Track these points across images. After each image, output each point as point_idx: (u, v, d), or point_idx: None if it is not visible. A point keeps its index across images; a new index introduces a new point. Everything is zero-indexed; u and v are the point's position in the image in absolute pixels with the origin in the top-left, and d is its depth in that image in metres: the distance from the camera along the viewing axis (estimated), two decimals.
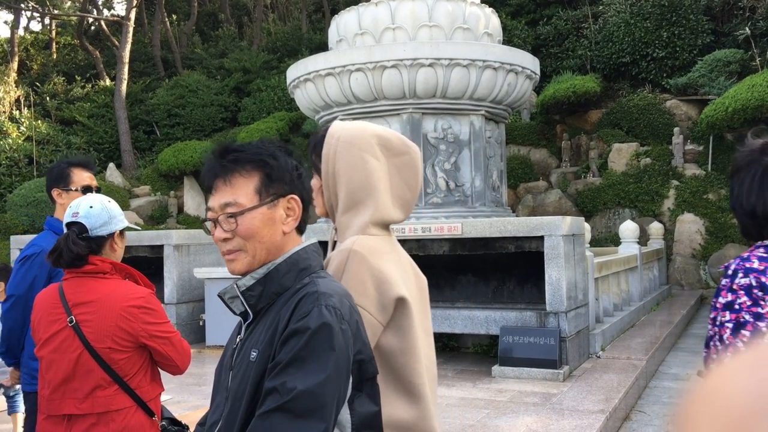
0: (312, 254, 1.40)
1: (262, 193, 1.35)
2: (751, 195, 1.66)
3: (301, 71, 9.77)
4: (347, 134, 1.63)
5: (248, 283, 1.35)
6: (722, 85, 13.48)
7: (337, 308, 1.26)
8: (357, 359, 1.27)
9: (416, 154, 1.71)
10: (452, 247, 8.01)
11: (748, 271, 1.61)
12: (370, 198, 1.56)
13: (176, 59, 24.70)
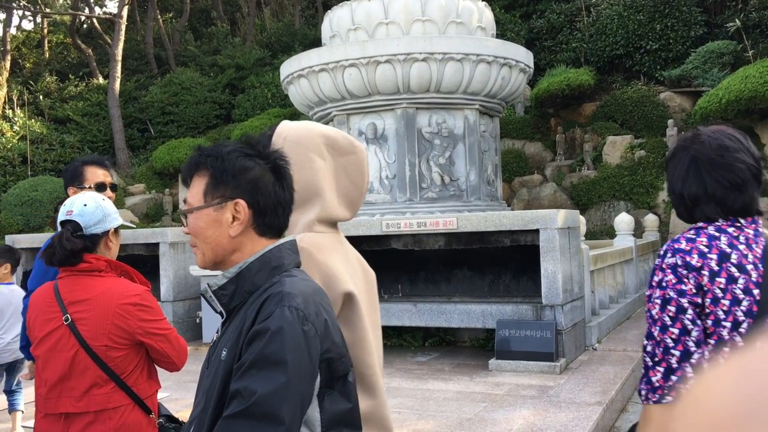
0: (286, 252, 1.41)
1: (207, 195, 1.38)
2: (679, 180, 1.79)
3: (295, 67, 9.75)
4: (294, 134, 1.67)
5: (220, 282, 1.37)
6: (716, 76, 13.51)
7: (300, 309, 1.26)
8: (325, 358, 1.27)
9: (363, 154, 1.75)
10: (448, 242, 8.02)
11: (676, 251, 1.73)
12: (317, 197, 1.59)
13: (169, 57, 24.63)
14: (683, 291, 1.69)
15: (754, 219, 1.78)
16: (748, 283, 1.68)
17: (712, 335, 1.69)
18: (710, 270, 1.69)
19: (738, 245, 1.72)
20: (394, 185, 9.39)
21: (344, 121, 9.67)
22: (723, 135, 1.78)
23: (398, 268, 8.45)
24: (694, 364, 1.67)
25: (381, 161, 9.49)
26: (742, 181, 1.73)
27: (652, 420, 1.70)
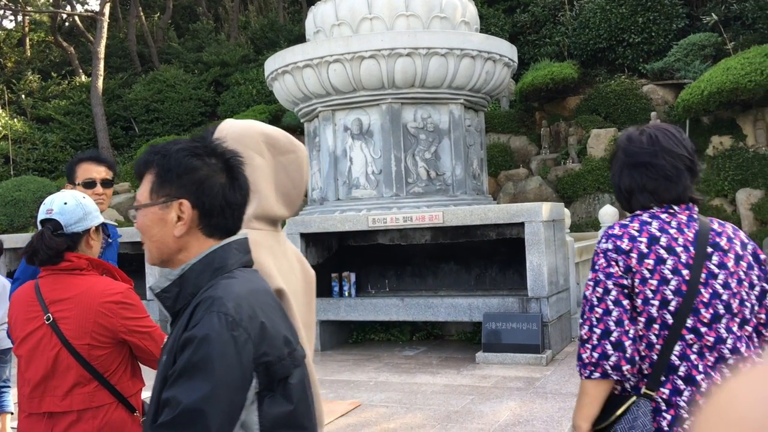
0: (231, 252, 1.39)
1: (153, 194, 1.38)
2: (616, 176, 1.95)
3: (279, 63, 9.72)
4: (234, 132, 1.68)
5: (162, 285, 1.36)
6: (697, 68, 13.60)
7: (230, 314, 1.24)
8: (263, 362, 1.25)
9: (303, 153, 1.77)
10: (434, 236, 8.04)
11: (609, 237, 1.86)
12: (254, 194, 1.60)
13: (153, 54, 24.46)
14: (610, 274, 1.81)
15: (688, 206, 1.90)
16: (677, 264, 1.78)
17: (642, 313, 1.79)
18: (639, 252, 1.80)
19: (669, 229, 1.83)
20: (380, 180, 9.40)
21: (329, 116, 9.66)
22: (658, 130, 1.91)
23: (385, 262, 8.46)
24: (614, 342, 1.77)
25: (367, 157, 9.49)
26: (674, 173, 1.86)
27: (587, 394, 1.82)
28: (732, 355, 1.78)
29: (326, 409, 5.21)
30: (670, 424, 1.76)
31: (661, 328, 1.78)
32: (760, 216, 11.96)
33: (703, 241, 1.83)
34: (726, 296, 1.79)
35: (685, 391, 1.76)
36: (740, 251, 1.87)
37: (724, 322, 1.78)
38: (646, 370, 1.81)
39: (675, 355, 1.78)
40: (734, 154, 12.59)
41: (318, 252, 8.17)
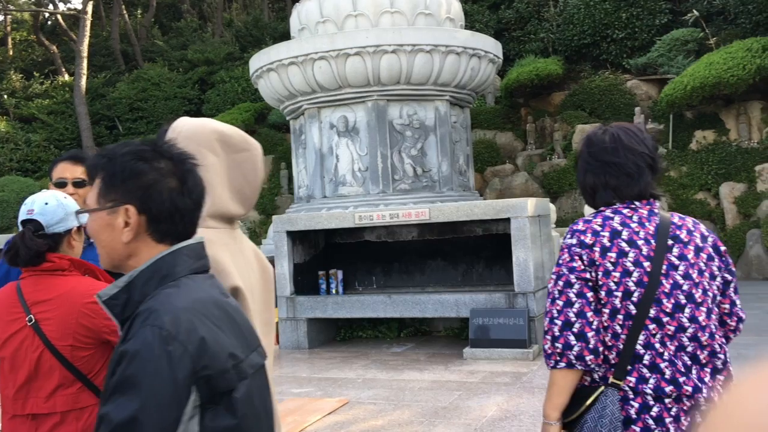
0: (181, 259, 1.34)
1: (100, 198, 1.35)
2: (581, 174, 2.03)
3: (264, 61, 9.69)
4: (187, 130, 1.67)
5: (110, 292, 1.32)
6: (680, 63, 13.70)
7: (165, 328, 1.20)
8: (203, 375, 1.21)
9: (257, 150, 1.77)
10: (421, 233, 8.05)
11: (574, 232, 1.94)
12: (208, 193, 1.57)
13: (136, 52, 24.29)
14: (573, 268, 1.88)
15: (649, 201, 1.97)
16: (639, 257, 1.85)
17: (606, 305, 1.85)
18: (602, 246, 1.87)
19: (630, 223, 1.90)
20: (367, 178, 9.40)
21: (315, 114, 9.64)
22: (620, 129, 1.98)
23: (372, 260, 8.47)
24: (576, 332, 1.83)
25: (353, 154, 9.48)
26: (635, 171, 1.93)
27: (555, 384, 1.88)
28: (693, 344, 1.83)
29: (313, 407, 5.21)
30: (638, 412, 1.81)
31: (625, 318, 1.83)
32: (743, 209, 12.07)
33: (664, 234, 1.89)
34: (687, 286, 1.85)
35: (650, 378, 1.81)
36: (700, 243, 1.93)
37: (687, 311, 1.84)
38: (612, 360, 1.85)
39: (639, 345, 1.83)
40: (717, 148, 12.70)
41: (305, 250, 8.16)
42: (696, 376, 1.83)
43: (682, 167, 12.94)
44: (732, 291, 1.99)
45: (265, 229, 15.19)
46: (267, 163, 17.16)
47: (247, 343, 1.36)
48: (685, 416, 1.81)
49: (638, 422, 1.81)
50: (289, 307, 7.73)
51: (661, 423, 1.80)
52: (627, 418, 1.81)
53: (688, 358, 1.84)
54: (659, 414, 1.80)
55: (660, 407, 1.80)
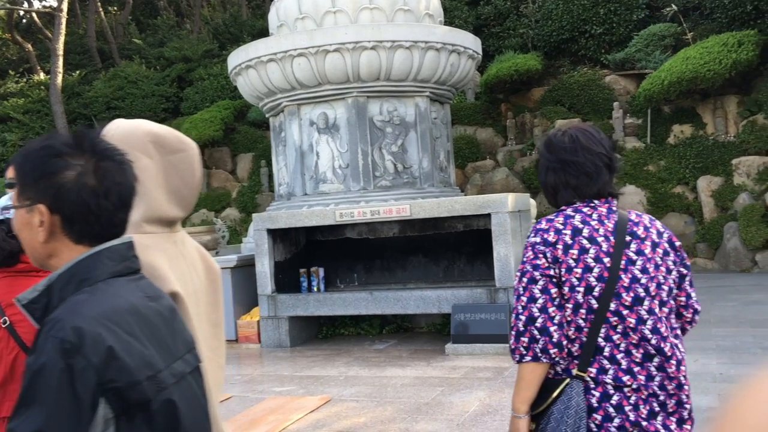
0: (100, 262, 1.28)
1: (20, 196, 1.30)
2: (542, 174, 2.11)
3: (242, 58, 9.62)
4: (119, 132, 1.65)
5: (29, 296, 1.27)
6: (658, 58, 13.82)
7: (67, 340, 1.14)
8: (111, 388, 1.16)
9: (193, 151, 1.73)
10: (402, 229, 8.06)
11: (537, 231, 2.01)
12: (141, 196, 1.54)
13: (113, 50, 24.02)
14: (537, 265, 1.95)
15: (607, 200, 2.06)
16: (599, 253, 1.93)
17: (569, 300, 1.93)
18: (564, 243, 1.95)
19: (590, 221, 1.99)
20: (348, 174, 9.37)
21: (295, 111, 9.59)
22: (578, 131, 2.07)
23: (353, 257, 8.46)
24: (539, 327, 1.91)
25: (333, 151, 9.45)
26: (594, 170, 2.01)
27: (523, 378, 1.96)
28: (653, 335, 1.92)
29: (295, 405, 5.19)
30: (599, 401, 1.90)
31: (588, 312, 1.91)
32: (721, 203, 12.22)
33: (622, 230, 1.98)
34: (644, 280, 1.94)
35: (609, 369, 1.90)
36: (656, 239, 2.02)
37: (645, 304, 1.92)
38: (576, 352, 1.93)
39: (601, 337, 1.91)
40: (695, 142, 12.84)
41: (286, 247, 8.13)
42: (656, 365, 1.91)
43: (660, 161, 13.06)
44: (687, 284, 2.08)
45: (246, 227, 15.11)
46: (247, 160, 17.08)
47: (170, 351, 1.29)
48: (644, 404, 1.89)
49: (599, 410, 1.89)
50: (270, 305, 7.70)
51: (621, 410, 1.88)
52: (589, 406, 1.90)
53: (651, 347, 1.91)
54: (619, 402, 1.89)
55: (620, 396, 1.89)
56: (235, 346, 7.88)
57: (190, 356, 1.37)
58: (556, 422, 1.88)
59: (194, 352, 1.39)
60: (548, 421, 1.91)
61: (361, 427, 4.54)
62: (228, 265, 8.01)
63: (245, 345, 7.84)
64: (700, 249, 12.31)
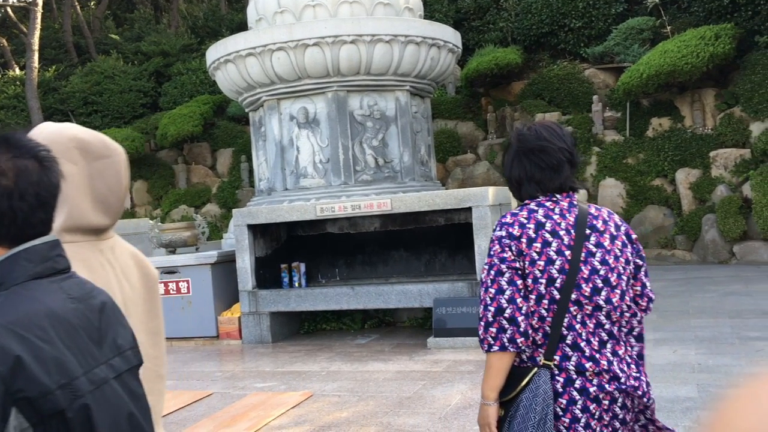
0: (18, 264, 1.23)
1: None
2: (508, 167, 2.19)
3: (221, 52, 9.54)
4: (43, 137, 1.58)
5: None
6: (636, 52, 13.91)
7: None
8: (21, 398, 1.12)
9: (119, 156, 1.68)
10: (383, 224, 8.04)
11: (503, 225, 2.10)
12: (62, 204, 1.49)
13: (89, 45, 23.72)
14: (504, 258, 2.04)
15: (569, 194, 2.15)
16: (561, 246, 2.03)
17: (533, 291, 2.03)
18: (528, 237, 2.04)
19: (553, 216, 2.08)
20: (328, 169, 9.33)
21: (275, 106, 9.53)
22: (542, 127, 2.16)
23: (335, 252, 8.43)
24: (508, 317, 2.00)
25: (314, 146, 9.41)
26: (556, 165, 2.11)
27: (491, 366, 2.05)
28: (609, 324, 2.04)
29: (277, 401, 5.17)
30: (564, 386, 2.01)
31: (550, 302, 2.02)
32: (699, 195, 12.34)
33: (582, 224, 2.08)
34: (603, 271, 2.04)
35: (572, 356, 2.01)
36: (614, 232, 2.12)
37: (603, 294, 2.03)
38: (539, 341, 2.04)
39: (563, 326, 2.02)
40: (673, 135, 12.95)
41: (266, 243, 8.08)
42: (610, 351, 2.04)
43: (639, 154, 13.16)
44: (643, 274, 2.18)
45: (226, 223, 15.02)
46: (227, 156, 16.95)
47: (92, 355, 1.25)
48: (609, 384, 2.01)
49: (564, 395, 2.00)
50: (251, 301, 7.65)
51: (585, 393, 2.00)
52: (554, 391, 2.00)
53: (606, 334, 2.04)
54: (582, 386, 2.00)
55: (582, 380, 2.01)
56: (215, 343, 7.83)
57: (119, 359, 1.31)
58: (525, 409, 1.98)
59: (126, 354, 1.33)
60: (517, 408, 2.01)
61: (343, 422, 4.53)
62: (208, 261, 7.94)
63: (226, 341, 7.79)
64: (678, 241, 12.43)
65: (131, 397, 1.32)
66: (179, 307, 7.97)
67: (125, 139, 16.49)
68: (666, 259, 12.41)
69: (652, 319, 7.60)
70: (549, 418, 1.96)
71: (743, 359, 5.66)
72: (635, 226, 12.80)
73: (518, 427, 1.98)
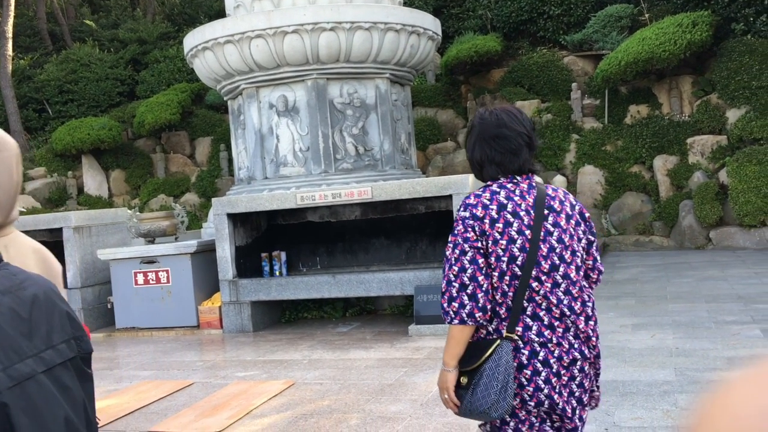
0: None
1: None
2: (470, 150, 2.32)
3: (199, 39, 9.43)
4: None
5: None
6: (615, 39, 13.97)
7: None
8: None
9: (11, 152, 1.63)
10: (364, 212, 8.03)
11: (467, 206, 2.22)
12: None
13: (65, 32, 23.33)
14: (467, 238, 2.18)
15: (528, 176, 2.29)
16: (521, 226, 2.17)
17: (496, 269, 2.18)
18: (491, 218, 2.18)
19: (514, 197, 2.22)
20: (309, 158, 9.30)
21: (254, 94, 9.45)
22: (502, 112, 2.30)
23: (316, 240, 8.41)
24: (469, 294, 2.15)
25: (294, 134, 9.36)
26: (516, 148, 2.24)
27: (453, 337, 2.21)
28: (566, 297, 2.20)
29: (259, 390, 5.16)
30: (528, 358, 2.17)
31: (512, 279, 2.17)
32: (676, 181, 12.48)
33: (541, 205, 2.22)
34: (559, 249, 2.20)
35: (533, 326, 2.18)
36: (570, 211, 2.28)
37: (560, 270, 2.20)
38: (503, 315, 2.19)
39: (525, 300, 2.18)
40: (651, 122, 13.05)
41: (246, 232, 8.04)
42: (569, 322, 2.20)
43: (617, 141, 13.26)
44: (594, 249, 2.36)
45: (206, 212, 14.92)
46: (205, 144, 16.81)
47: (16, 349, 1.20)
48: (567, 355, 2.18)
49: (529, 366, 2.17)
50: (231, 290, 7.62)
51: (547, 365, 2.17)
52: (520, 363, 2.17)
53: (566, 307, 2.19)
54: (545, 357, 2.17)
55: (545, 351, 2.17)
56: (196, 332, 7.80)
57: (51, 352, 1.26)
58: (488, 378, 2.14)
59: (60, 347, 1.27)
60: (481, 377, 2.17)
61: (325, 410, 4.54)
62: (188, 251, 7.89)
63: (207, 331, 7.75)
64: (656, 227, 12.57)
65: (63, 393, 1.26)
66: (159, 297, 7.92)
67: (102, 128, 16.28)
68: (644, 245, 12.55)
69: (630, 305, 7.69)
70: (510, 386, 2.13)
71: (720, 343, 5.75)
72: (614, 213, 12.91)
73: (481, 394, 2.15)
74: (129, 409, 4.91)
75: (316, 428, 4.18)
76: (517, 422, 2.23)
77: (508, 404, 2.14)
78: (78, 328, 1.34)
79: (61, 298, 1.37)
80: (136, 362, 6.58)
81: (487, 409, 2.15)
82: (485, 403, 2.14)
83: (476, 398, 2.16)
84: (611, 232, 12.95)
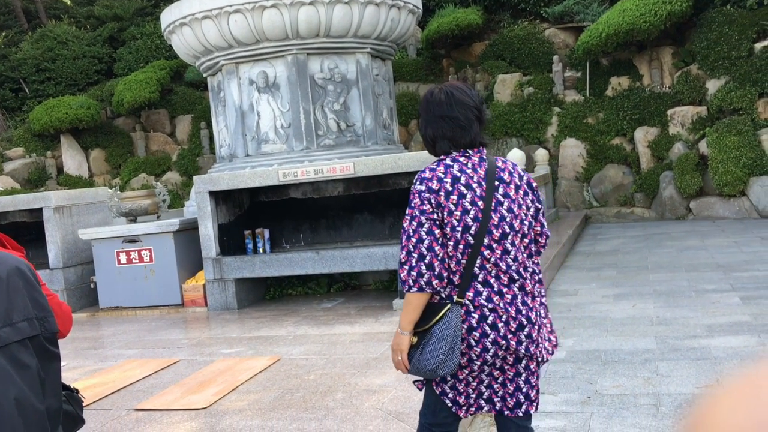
0: None
1: None
2: (422, 126, 2.44)
3: (176, 15, 9.28)
4: None
5: None
6: (595, 11, 13.95)
7: None
8: None
9: None
10: (347, 188, 8.02)
11: (422, 179, 2.33)
12: None
13: (39, 9, 22.87)
14: (424, 210, 2.29)
15: (479, 149, 2.41)
16: (474, 197, 2.30)
17: (450, 238, 2.30)
18: (445, 190, 2.29)
19: (466, 170, 2.34)
20: (290, 134, 9.24)
21: (233, 70, 9.35)
22: (453, 88, 2.40)
23: (299, 217, 8.40)
24: (426, 263, 2.27)
25: (275, 110, 9.29)
26: (466, 123, 2.35)
27: (410, 303, 2.34)
28: (514, 263, 2.34)
29: (245, 366, 5.18)
30: (478, 321, 2.31)
31: (465, 247, 2.29)
32: (657, 153, 12.56)
33: (491, 176, 2.34)
34: (509, 218, 2.33)
35: (483, 292, 2.31)
36: (518, 182, 2.40)
37: (509, 238, 2.33)
38: (456, 282, 2.32)
39: (476, 267, 2.31)
40: (632, 94, 13.10)
41: (229, 210, 8.01)
42: (517, 287, 2.34)
43: (599, 114, 13.30)
44: (541, 216, 2.48)
45: (188, 191, 14.82)
46: (186, 122, 16.64)
47: None
48: (513, 320, 2.31)
49: (478, 329, 2.31)
50: (215, 268, 7.61)
51: (495, 328, 2.31)
52: (470, 326, 2.31)
53: (515, 273, 2.33)
54: (494, 321, 2.31)
55: (494, 316, 2.31)
56: (181, 311, 7.79)
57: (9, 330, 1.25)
58: (437, 339, 2.28)
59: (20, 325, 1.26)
60: (430, 338, 2.30)
61: (311, 384, 4.57)
62: (170, 230, 7.85)
63: (191, 309, 7.75)
64: (637, 198, 12.68)
65: (18, 370, 1.24)
66: (142, 276, 7.89)
67: (80, 107, 16.05)
68: (625, 217, 12.66)
69: (612, 276, 7.77)
70: (457, 347, 2.28)
71: (700, 311, 5.85)
72: (595, 185, 12.99)
73: (430, 353, 2.29)
74: (115, 387, 4.91)
75: (302, 402, 4.22)
76: (454, 381, 2.40)
77: (454, 364, 2.29)
78: (42, 308, 1.33)
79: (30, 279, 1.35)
80: (120, 341, 6.57)
81: (435, 368, 2.29)
82: (434, 362, 2.28)
83: (425, 357, 2.30)
84: (593, 204, 13.04)
